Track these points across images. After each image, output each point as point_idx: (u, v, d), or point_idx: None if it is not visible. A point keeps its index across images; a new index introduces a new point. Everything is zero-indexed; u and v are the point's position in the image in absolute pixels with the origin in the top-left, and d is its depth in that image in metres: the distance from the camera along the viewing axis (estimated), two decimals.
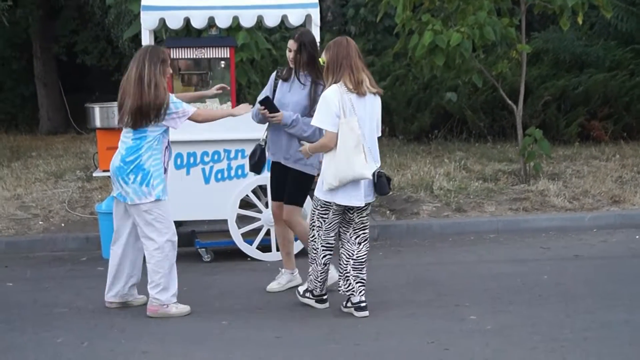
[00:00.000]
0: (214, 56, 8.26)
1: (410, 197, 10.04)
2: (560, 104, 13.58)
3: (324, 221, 6.40)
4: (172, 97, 6.52)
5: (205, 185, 8.07)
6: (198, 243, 8.31)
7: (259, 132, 7.75)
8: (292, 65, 6.87)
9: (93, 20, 17.27)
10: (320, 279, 6.51)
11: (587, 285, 7.15)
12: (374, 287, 7.06)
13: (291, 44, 6.82)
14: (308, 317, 6.46)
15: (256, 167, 7.07)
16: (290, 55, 6.84)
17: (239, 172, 8.08)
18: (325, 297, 6.59)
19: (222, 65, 8.40)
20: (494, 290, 7.02)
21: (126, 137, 6.51)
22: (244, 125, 7.70)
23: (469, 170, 11.26)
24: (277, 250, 8.07)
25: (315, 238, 6.46)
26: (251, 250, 8.16)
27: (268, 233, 8.14)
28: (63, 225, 9.44)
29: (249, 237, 8.14)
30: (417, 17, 10.35)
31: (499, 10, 10.70)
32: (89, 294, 7.14)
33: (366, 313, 6.36)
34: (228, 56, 8.29)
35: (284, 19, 8.10)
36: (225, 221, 8.08)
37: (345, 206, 6.35)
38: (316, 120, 6.28)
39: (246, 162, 7.59)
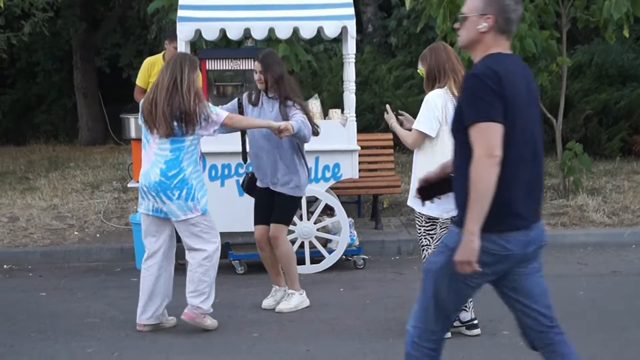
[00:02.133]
0: (250, 68, 8.33)
1: None
2: (602, 118, 13.51)
3: (432, 238, 6.18)
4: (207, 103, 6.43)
5: (239, 197, 8.10)
6: (232, 255, 8.36)
7: None
8: (260, 87, 6.85)
9: (135, 33, 17.48)
10: None
11: (624, 302, 7.10)
12: (408, 300, 7.07)
13: (256, 65, 6.80)
14: (340, 331, 6.47)
15: (254, 194, 7.14)
16: (256, 76, 6.83)
17: None
18: (475, 321, 6.24)
19: None
20: None
21: (162, 149, 6.30)
22: None
23: None
24: (311, 263, 8.15)
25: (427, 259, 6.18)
26: None
27: (302, 246, 8.18)
28: (98, 235, 9.56)
29: None
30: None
31: (542, 25, 10.66)
32: (122, 305, 7.21)
33: (478, 331, 6.23)
34: None
35: (320, 30, 8.15)
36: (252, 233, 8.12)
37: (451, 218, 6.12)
38: (417, 123, 6.09)
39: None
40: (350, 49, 8.10)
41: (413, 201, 6.19)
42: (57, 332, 6.55)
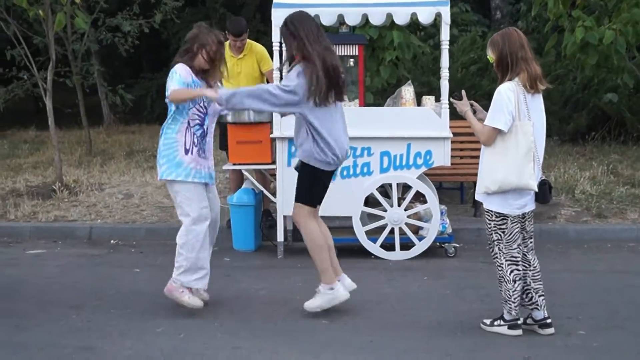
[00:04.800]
0: (343, 54, 7.93)
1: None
2: None
3: (503, 233, 5.55)
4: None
5: (331, 182, 7.71)
6: None
7: (384, 130, 7.42)
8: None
9: None
10: (514, 299, 5.57)
11: None
12: (488, 293, 6.54)
13: None
14: (409, 323, 5.98)
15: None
16: None
17: (365, 169, 7.71)
18: (519, 321, 5.64)
19: (352, 63, 8.04)
20: (614, 304, 6.31)
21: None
22: (368, 123, 7.37)
23: (617, 175, 10.38)
24: (401, 249, 7.71)
25: (497, 254, 5.62)
26: (374, 248, 7.79)
27: (392, 232, 7.75)
28: None
29: (373, 235, 7.78)
30: (569, 14, 9.68)
31: None
32: None
33: (552, 330, 5.62)
34: (357, 54, 7.92)
35: (413, 16, 7.64)
36: (348, 218, 7.74)
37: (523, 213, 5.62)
38: (490, 120, 5.43)
39: (371, 160, 7.48)
40: (444, 35, 7.55)
41: (481, 197, 5.63)
42: (135, 310, 6.36)
